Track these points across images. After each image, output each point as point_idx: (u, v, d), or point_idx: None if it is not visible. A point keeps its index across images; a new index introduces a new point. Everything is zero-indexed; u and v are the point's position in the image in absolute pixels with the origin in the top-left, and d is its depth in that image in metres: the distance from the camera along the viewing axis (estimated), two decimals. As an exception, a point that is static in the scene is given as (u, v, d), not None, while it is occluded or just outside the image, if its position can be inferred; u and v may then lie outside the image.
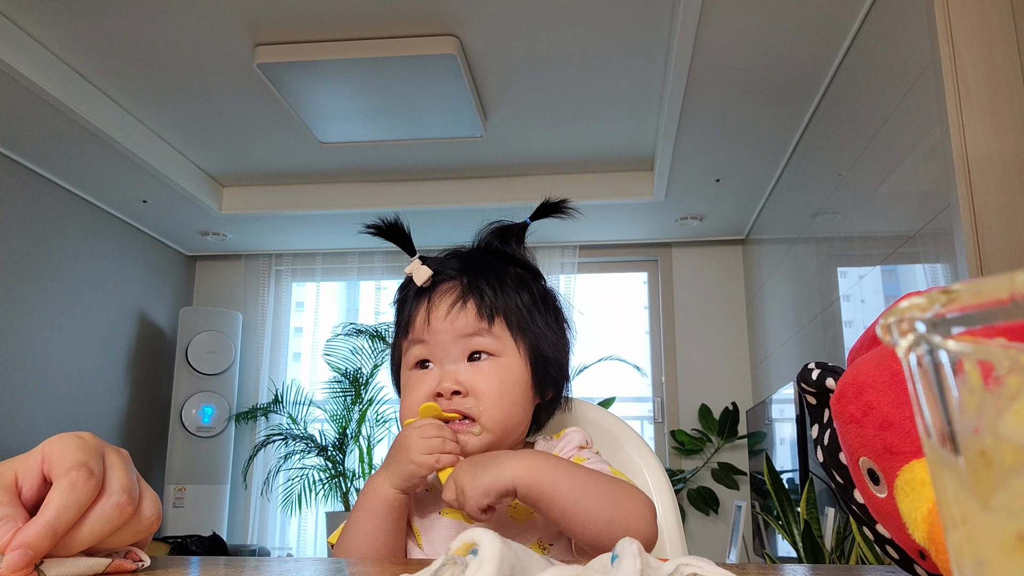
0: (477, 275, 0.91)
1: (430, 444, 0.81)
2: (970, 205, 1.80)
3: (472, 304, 0.89)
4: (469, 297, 0.89)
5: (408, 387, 0.90)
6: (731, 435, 4.40)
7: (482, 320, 0.88)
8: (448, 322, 0.88)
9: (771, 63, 2.79)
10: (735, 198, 4.08)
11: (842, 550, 2.32)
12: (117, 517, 0.52)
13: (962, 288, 0.21)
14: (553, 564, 0.40)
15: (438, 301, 0.89)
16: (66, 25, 2.67)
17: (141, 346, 4.53)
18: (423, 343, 0.89)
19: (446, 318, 0.88)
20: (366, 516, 0.85)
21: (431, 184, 4.10)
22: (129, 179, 3.73)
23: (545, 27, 2.67)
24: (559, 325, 0.95)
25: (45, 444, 0.53)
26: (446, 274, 0.91)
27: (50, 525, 0.48)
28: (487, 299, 0.89)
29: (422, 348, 0.89)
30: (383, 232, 0.96)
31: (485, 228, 0.99)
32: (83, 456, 0.51)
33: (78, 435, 0.54)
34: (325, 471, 4.35)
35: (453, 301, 0.89)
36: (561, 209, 0.98)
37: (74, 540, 0.50)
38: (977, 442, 0.22)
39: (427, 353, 0.89)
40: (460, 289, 0.90)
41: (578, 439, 0.93)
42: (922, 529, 0.43)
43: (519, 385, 0.89)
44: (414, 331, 0.90)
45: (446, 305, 0.89)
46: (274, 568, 0.58)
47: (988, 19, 1.88)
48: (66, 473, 0.50)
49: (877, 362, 0.47)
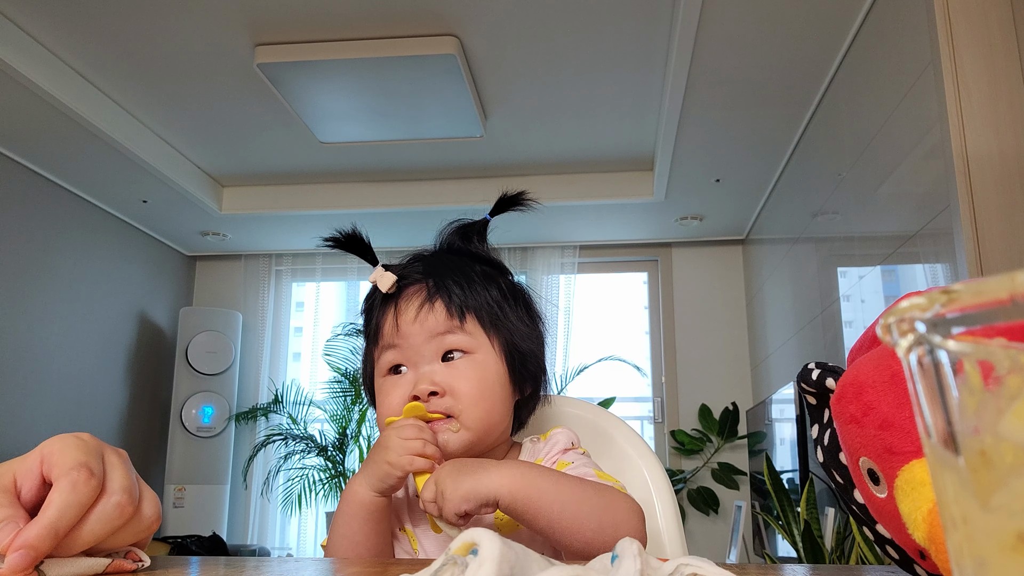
0: (443, 275, 0.89)
1: (409, 445, 0.80)
2: (970, 205, 1.80)
3: (440, 303, 0.88)
4: (436, 297, 0.88)
5: (383, 392, 0.89)
6: (731, 435, 4.40)
7: (452, 318, 0.87)
8: (418, 324, 0.87)
9: (771, 63, 2.79)
10: (735, 198, 4.08)
11: (842, 550, 2.32)
12: (118, 517, 0.52)
13: (962, 288, 0.21)
14: (553, 564, 0.40)
15: (405, 305, 0.88)
16: (66, 25, 2.67)
17: (141, 346, 4.53)
18: (395, 347, 0.88)
19: (415, 320, 0.87)
20: (345, 520, 0.83)
21: (431, 184, 4.10)
22: (129, 179, 3.73)
23: (545, 27, 2.67)
24: (531, 319, 0.94)
25: (44, 445, 0.53)
26: (411, 278, 0.90)
27: (52, 525, 0.48)
28: (455, 297, 0.88)
29: (394, 353, 0.88)
30: (342, 244, 0.94)
31: (446, 228, 0.97)
32: (83, 456, 0.51)
33: (77, 436, 0.54)
34: (325, 471, 4.35)
35: (421, 303, 0.88)
36: (519, 202, 0.96)
37: (75, 540, 0.50)
38: (977, 442, 0.22)
39: (400, 358, 0.88)
40: (427, 290, 0.89)
41: (563, 441, 0.91)
42: (922, 529, 0.43)
43: (497, 382, 0.88)
44: (383, 337, 0.89)
45: (414, 308, 0.88)
46: (274, 568, 0.58)
47: (988, 19, 1.88)
48: (66, 473, 0.50)
49: (877, 362, 0.47)
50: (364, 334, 0.95)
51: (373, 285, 0.91)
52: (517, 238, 4.70)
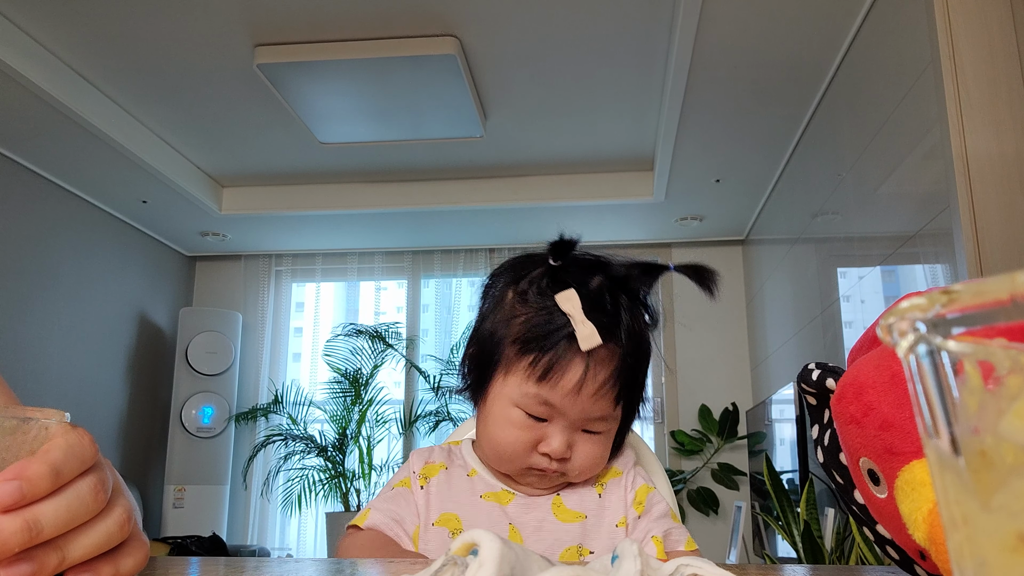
0: (633, 353, 0.85)
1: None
2: (970, 205, 1.80)
3: (617, 388, 0.84)
4: (617, 383, 0.84)
5: (511, 422, 0.85)
6: (731, 436, 4.40)
7: (615, 407, 0.86)
8: (591, 401, 0.83)
9: (771, 64, 2.79)
10: (735, 198, 4.08)
11: (842, 550, 2.32)
12: (117, 533, 0.47)
13: (962, 288, 0.21)
14: (553, 564, 0.40)
15: (593, 374, 0.82)
16: (66, 25, 2.67)
17: (141, 346, 4.53)
18: (554, 407, 0.83)
19: (591, 395, 0.83)
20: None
21: (431, 184, 4.10)
22: (129, 179, 3.73)
23: (545, 27, 2.67)
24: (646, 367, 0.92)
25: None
26: (612, 336, 0.83)
27: (53, 464, 0.43)
28: (627, 387, 0.85)
29: (550, 410, 0.84)
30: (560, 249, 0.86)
31: (627, 262, 0.89)
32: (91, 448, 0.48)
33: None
34: (325, 471, 4.35)
35: (604, 380, 0.83)
36: (705, 284, 0.89)
37: (71, 545, 0.44)
38: (977, 442, 0.22)
39: (551, 414, 0.84)
40: (615, 369, 0.84)
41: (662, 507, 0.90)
42: (922, 529, 0.43)
43: (611, 440, 0.89)
44: (552, 390, 0.83)
45: (597, 383, 0.83)
46: (274, 568, 0.58)
47: (988, 19, 1.88)
48: (65, 434, 0.46)
49: (877, 363, 0.47)
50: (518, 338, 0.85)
51: (565, 317, 0.83)
52: (517, 238, 4.70)
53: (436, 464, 0.95)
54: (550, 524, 0.88)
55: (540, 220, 4.37)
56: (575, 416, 0.84)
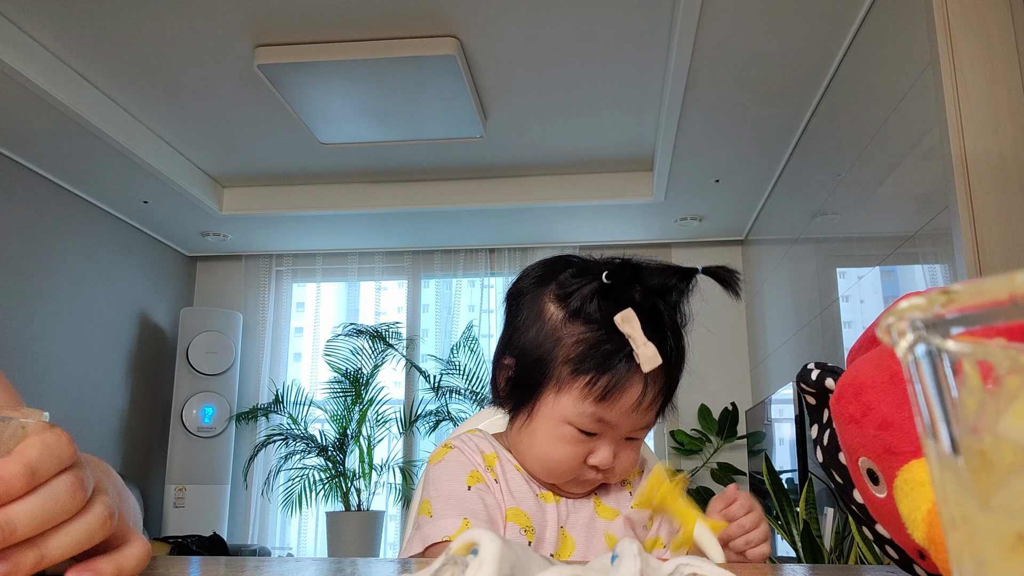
0: (679, 365, 0.89)
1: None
2: (969, 206, 1.80)
3: (659, 402, 0.87)
4: (660, 397, 0.87)
5: (563, 439, 0.86)
6: (730, 435, 4.39)
7: (655, 418, 0.89)
8: (639, 414, 0.85)
9: (770, 64, 2.79)
10: (735, 198, 4.08)
11: (841, 550, 2.32)
12: (99, 530, 0.46)
13: (961, 288, 0.21)
14: (553, 564, 0.40)
15: (651, 391, 0.85)
16: (67, 26, 2.67)
17: (142, 346, 4.53)
18: (607, 423, 0.85)
19: (645, 409, 0.85)
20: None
21: (431, 185, 4.11)
22: (129, 179, 3.73)
23: (545, 28, 2.67)
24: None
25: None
26: (667, 353, 0.84)
27: (28, 463, 0.42)
28: (667, 400, 0.89)
29: (602, 426, 0.85)
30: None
31: (660, 267, 0.89)
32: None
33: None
34: (325, 471, 4.35)
35: (657, 394, 0.86)
36: (729, 283, 0.92)
37: (49, 544, 0.43)
38: (977, 442, 0.22)
39: (602, 430, 0.86)
40: (666, 382, 0.87)
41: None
42: (922, 529, 0.43)
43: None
44: (610, 409, 0.84)
45: (651, 398, 0.85)
46: (274, 568, 0.58)
47: (987, 20, 1.88)
48: (41, 433, 0.44)
49: (876, 362, 0.47)
50: (572, 357, 0.84)
51: (622, 338, 0.83)
52: (517, 238, 4.70)
53: (489, 454, 0.92)
54: (598, 523, 0.91)
55: (540, 220, 4.37)
56: (626, 429, 0.87)
